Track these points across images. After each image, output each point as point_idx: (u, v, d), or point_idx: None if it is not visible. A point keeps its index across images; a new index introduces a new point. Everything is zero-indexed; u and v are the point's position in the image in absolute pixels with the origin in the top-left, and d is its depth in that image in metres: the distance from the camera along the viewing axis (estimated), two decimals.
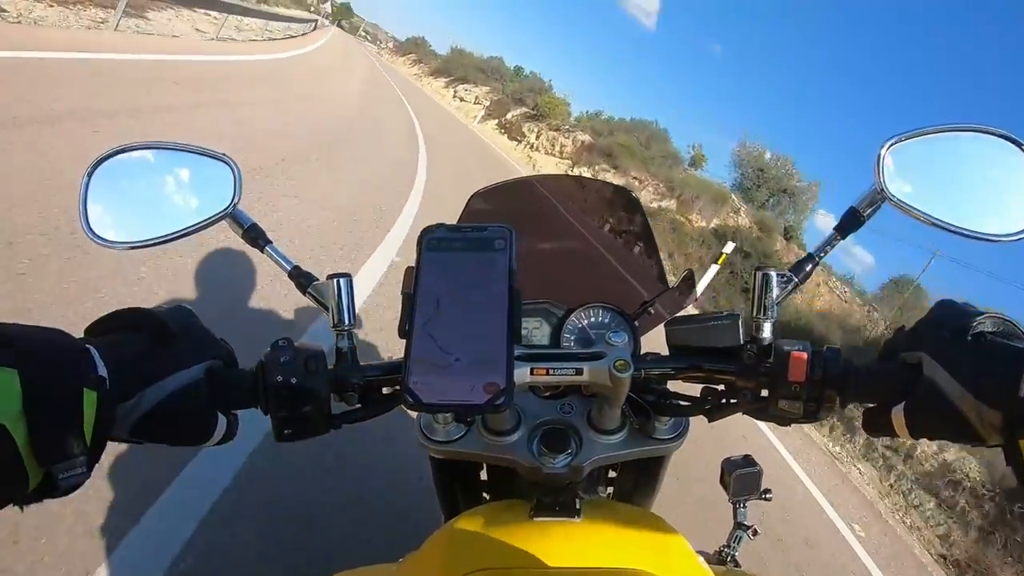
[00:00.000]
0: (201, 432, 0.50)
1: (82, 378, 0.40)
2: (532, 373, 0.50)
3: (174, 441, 0.48)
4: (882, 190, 0.56)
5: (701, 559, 0.58)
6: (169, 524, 1.53)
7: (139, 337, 0.47)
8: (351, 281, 0.58)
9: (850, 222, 0.58)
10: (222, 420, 0.51)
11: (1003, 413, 0.42)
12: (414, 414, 0.52)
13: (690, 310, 0.67)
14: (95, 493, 1.50)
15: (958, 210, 0.56)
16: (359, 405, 0.55)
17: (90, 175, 0.59)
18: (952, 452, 7.04)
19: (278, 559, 1.59)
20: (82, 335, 0.46)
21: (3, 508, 0.39)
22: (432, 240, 0.46)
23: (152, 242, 0.59)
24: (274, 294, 2.71)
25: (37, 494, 0.40)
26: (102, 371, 0.42)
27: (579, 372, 0.51)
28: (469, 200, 0.73)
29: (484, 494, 0.72)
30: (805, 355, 0.51)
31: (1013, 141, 0.56)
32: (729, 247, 8.57)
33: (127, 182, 0.60)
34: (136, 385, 0.45)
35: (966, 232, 0.55)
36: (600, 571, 0.47)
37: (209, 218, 0.59)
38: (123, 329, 0.48)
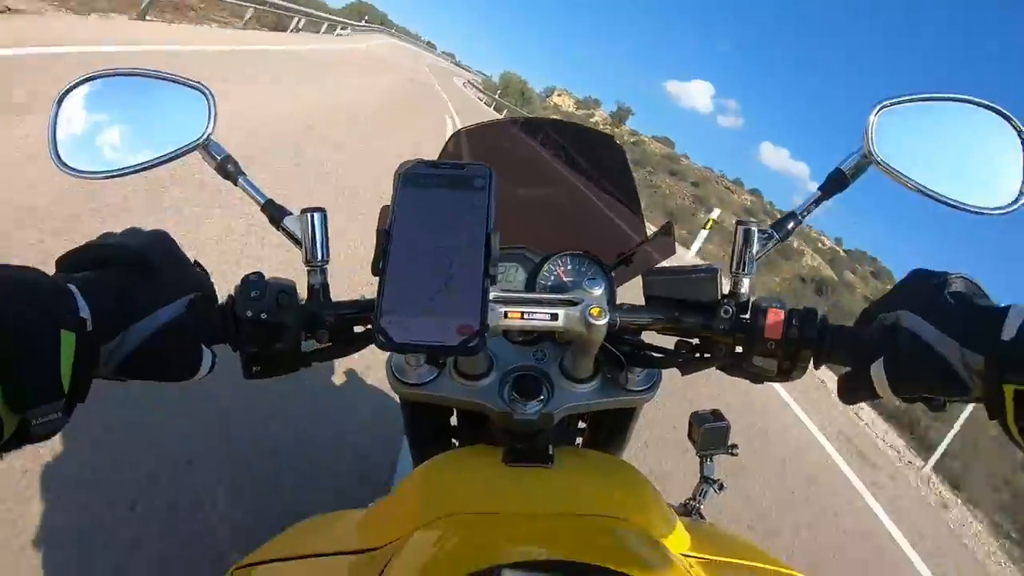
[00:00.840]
0: (189, 367, 0.48)
1: (60, 320, 0.38)
2: (506, 317, 0.50)
3: (162, 377, 0.47)
4: (870, 152, 0.55)
5: (671, 506, 0.59)
6: None
7: (119, 273, 0.45)
8: (325, 215, 0.57)
9: (835, 183, 0.58)
10: (207, 356, 0.50)
11: (986, 358, 0.42)
12: (387, 354, 0.52)
13: (669, 262, 0.67)
14: None
15: (945, 179, 0.56)
16: (330, 343, 0.55)
17: (59, 103, 0.57)
18: None
19: None
20: (55, 270, 0.44)
21: None
22: (409, 176, 0.44)
23: (124, 171, 0.57)
24: None
25: (13, 441, 0.39)
26: (83, 312, 0.41)
27: (554, 318, 0.50)
28: (449, 139, 0.72)
29: (453, 439, 0.73)
30: (782, 313, 0.51)
31: (1004, 115, 0.56)
32: (715, 213, 8.57)
33: (98, 111, 0.58)
34: (120, 324, 0.44)
35: (951, 202, 0.55)
36: (573, 517, 0.48)
37: (182, 147, 0.57)
38: (101, 263, 0.46)
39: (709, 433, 0.74)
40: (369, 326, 0.55)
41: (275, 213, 0.58)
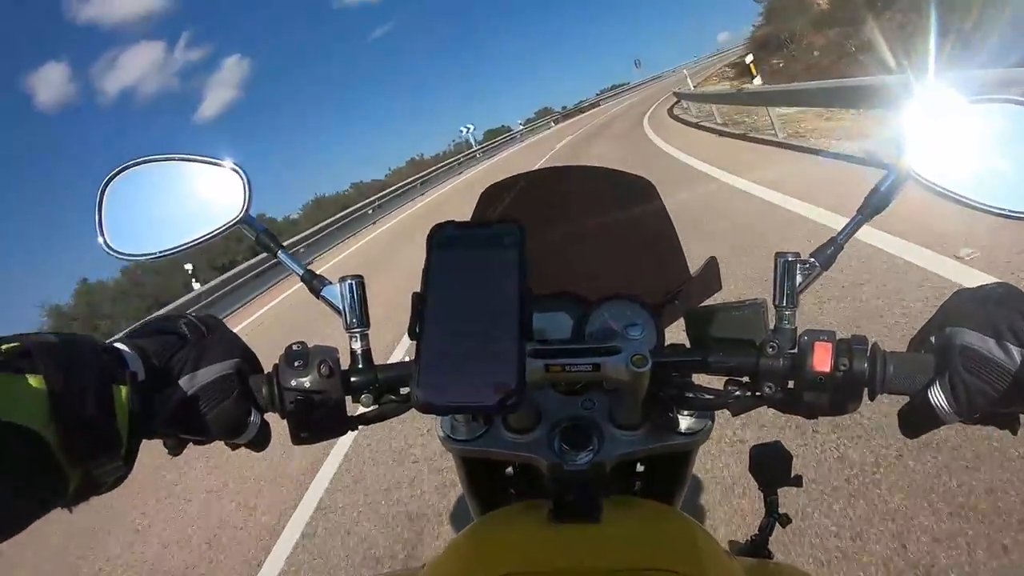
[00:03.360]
0: (234, 426, 0.51)
1: (111, 375, 0.42)
2: (548, 370, 0.50)
3: (208, 434, 0.50)
4: (906, 168, 0.54)
5: (729, 552, 0.57)
6: None
7: (171, 336, 0.50)
8: (363, 282, 0.58)
9: (874, 204, 0.56)
10: (255, 416, 0.53)
11: None
12: None
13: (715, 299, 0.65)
14: None
15: (988, 186, 0.54)
16: (375, 406, 0.56)
17: (103, 192, 0.60)
18: None
19: None
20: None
21: (50, 511, 0.40)
22: (441, 239, 0.45)
23: (168, 253, 0.60)
24: None
25: (80, 494, 0.41)
26: (133, 366, 0.44)
27: (596, 368, 0.50)
28: (481, 196, 0.73)
29: (511, 490, 0.72)
30: (830, 344, 0.49)
31: None
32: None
33: (140, 195, 0.61)
34: (169, 377, 0.47)
35: (996, 210, 0.53)
36: (624, 573, 0.46)
37: (222, 226, 0.59)
38: (158, 332, 0.50)
39: (771, 466, 0.72)
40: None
41: (315, 283, 0.60)
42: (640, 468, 0.69)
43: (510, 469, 0.69)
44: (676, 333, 0.64)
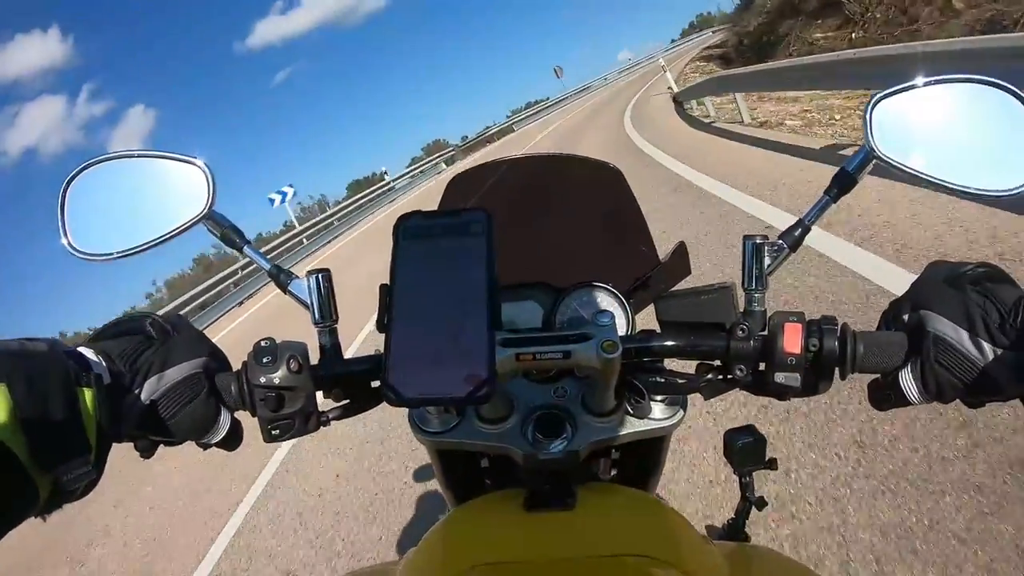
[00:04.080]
0: (204, 426, 0.51)
1: (76, 379, 0.41)
2: (518, 359, 0.49)
3: (178, 435, 0.50)
4: (872, 148, 0.54)
5: (706, 537, 0.57)
6: None
7: (137, 337, 0.49)
8: (329, 275, 0.57)
9: (841, 184, 0.56)
10: (224, 416, 0.52)
11: (1016, 352, 0.41)
12: None
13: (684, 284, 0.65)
14: None
15: (953, 165, 0.54)
16: (346, 400, 0.55)
17: (64, 192, 0.58)
18: None
19: None
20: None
21: (22, 522, 0.39)
22: (407, 229, 0.44)
23: (132, 251, 0.59)
24: None
25: (51, 503, 0.41)
26: (98, 368, 0.44)
27: (567, 355, 0.49)
28: (448, 185, 0.72)
29: (487, 480, 0.71)
30: (800, 325, 0.49)
31: (1010, 91, 0.54)
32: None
33: (103, 194, 0.60)
34: (135, 379, 0.47)
35: (960, 188, 0.53)
36: (598, 559, 0.47)
37: (187, 222, 0.58)
38: (124, 333, 0.49)
39: (745, 450, 0.72)
40: None
41: (281, 278, 0.59)
42: (615, 455, 0.69)
43: (485, 460, 0.69)
44: (648, 320, 0.64)
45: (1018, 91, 0.53)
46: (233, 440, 0.54)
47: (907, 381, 0.47)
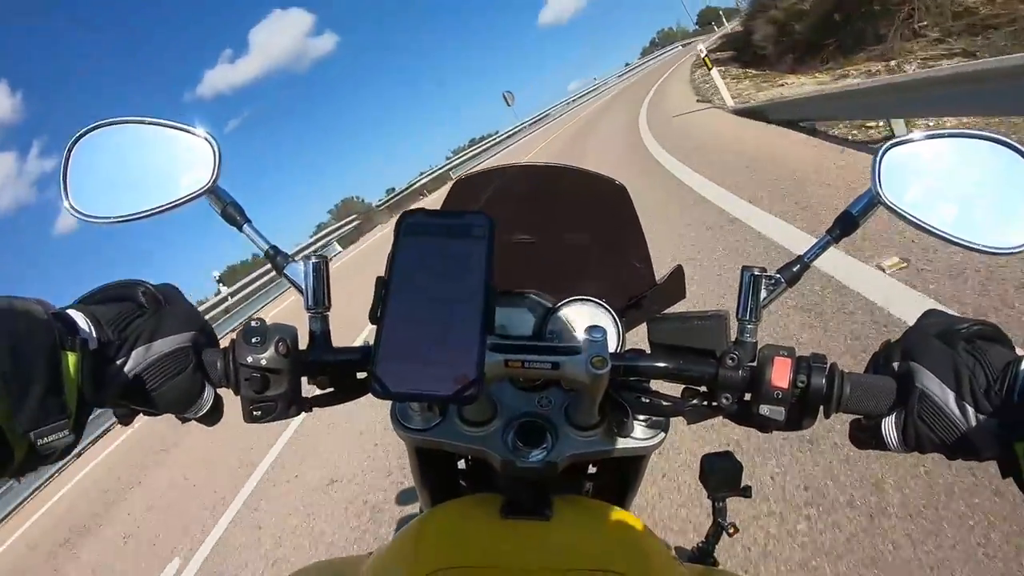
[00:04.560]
0: (186, 400, 0.50)
1: (61, 341, 0.41)
2: (507, 365, 0.49)
3: (160, 406, 0.50)
4: (878, 194, 0.54)
5: (676, 557, 0.58)
6: None
7: (127, 304, 0.48)
8: (327, 262, 0.57)
9: (844, 226, 0.57)
10: (208, 392, 0.52)
11: (998, 419, 0.42)
12: None
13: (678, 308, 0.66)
14: None
15: (956, 219, 0.54)
16: (331, 389, 0.55)
17: (70, 151, 0.58)
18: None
19: None
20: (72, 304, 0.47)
21: None
22: (409, 225, 0.45)
23: (132, 217, 0.58)
24: None
25: (26, 464, 0.41)
26: (85, 333, 0.43)
27: (555, 367, 0.50)
28: (452, 186, 0.72)
29: (463, 482, 0.72)
30: (789, 360, 0.50)
31: (1017, 150, 0.54)
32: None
33: (108, 158, 0.60)
34: (122, 347, 0.46)
35: (963, 242, 0.53)
36: (568, 572, 0.47)
37: (189, 194, 0.58)
38: (115, 299, 0.49)
39: (721, 475, 0.73)
40: None
41: (278, 260, 0.59)
42: (592, 470, 0.69)
43: (462, 462, 0.69)
44: (638, 339, 0.64)
45: None
46: (213, 416, 0.54)
47: (889, 429, 0.48)
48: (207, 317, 0.55)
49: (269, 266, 0.60)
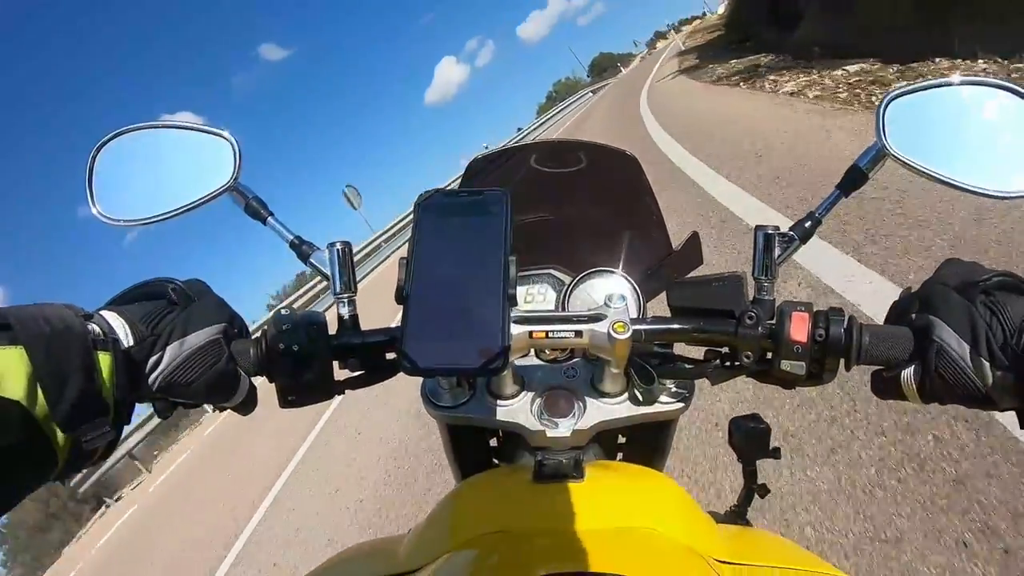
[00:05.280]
0: (225, 390, 0.52)
1: (94, 342, 0.42)
2: (531, 336, 0.51)
3: (198, 398, 0.51)
4: (884, 146, 0.55)
5: (708, 516, 0.59)
6: None
7: (158, 302, 0.50)
8: (350, 247, 0.59)
9: (853, 180, 0.58)
10: (244, 381, 0.53)
11: (1015, 375, 0.42)
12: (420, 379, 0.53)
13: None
14: None
15: (962, 165, 0.55)
16: (362, 371, 0.57)
17: (94, 157, 0.60)
18: None
19: None
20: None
21: (42, 485, 0.41)
22: (429, 205, 0.46)
23: (157, 219, 0.60)
24: None
25: (71, 464, 0.42)
26: (117, 333, 0.45)
27: (578, 335, 0.51)
28: (469, 165, 0.74)
29: (494, 459, 0.73)
30: (807, 315, 0.51)
31: (1019, 93, 0.55)
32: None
33: (130, 162, 0.62)
34: (156, 343, 0.47)
35: (969, 187, 0.54)
36: (604, 531, 0.48)
37: (212, 192, 0.60)
38: (144, 298, 0.50)
39: (749, 438, 0.73)
40: None
41: (303, 249, 0.61)
42: (621, 440, 0.70)
43: (494, 440, 0.71)
44: (659, 308, 0.65)
45: None
46: (249, 404, 0.55)
47: (907, 380, 0.48)
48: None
49: (318, 285, 0.61)
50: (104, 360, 0.42)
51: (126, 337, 0.46)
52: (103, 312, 0.46)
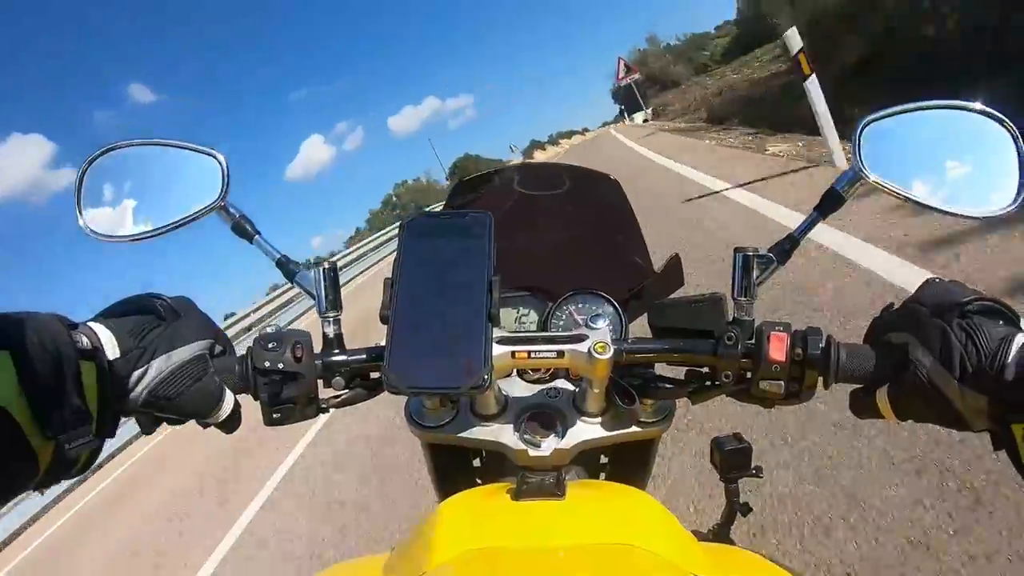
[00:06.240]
0: (209, 405, 0.52)
1: (79, 351, 0.42)
2: (513, 356, 0.51)
3: (181, 413, 0.51)
4: (860, 169, 0.56)
5: (691, 534, 0.59)
6: None
7: (146, 316, 0.50)
8: (336, 268, 0.59)
9: (830, 203, 0.59)
10: (228, 397, 0.53)
11: (988, 398, 0.42)
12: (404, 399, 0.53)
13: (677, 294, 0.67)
14: None
15: (937, 187, 0.56)
16: (346, 389, 0.57)
17: (83, 173, 0.60)
18: None
19: None
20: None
21: (21, 492, 0.41)
22: (414, 227, 0.47)
23: (145, 236, 0.61)
24: None
25: (52, 473, 0.42)
26: (104, 344, 0.45)
27: (560, 355, 0.51)
28: (454, 188, 0.75)
29: (477, 479, 0.73)
30: (785, 335, 0.51)
31: (992, 116, 0.56)
32: None
33: (119, 178, 0.62)
34: (142, 357, 0.48)
35: (947, 210, 0.55)
36: (585, 547, 0.48)
37: (199, 210, 0.60)
38: (133, 311, 0.50)
39: (731, 457, 0.74)
40: None
41: (289, 268, 0.61)
42: (603, 459, 0.70)
43: (477, 460, 0.71)
44: (641, 330, 0.66)
45: (1000, 115, 0.56)
46: (233, 422, 0.55)
47: (883, 401, 0.49)
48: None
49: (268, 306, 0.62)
50: (89, 370, 0.43)
51: (112, 349, 0.46)
52: (91, 323, 0.47)
